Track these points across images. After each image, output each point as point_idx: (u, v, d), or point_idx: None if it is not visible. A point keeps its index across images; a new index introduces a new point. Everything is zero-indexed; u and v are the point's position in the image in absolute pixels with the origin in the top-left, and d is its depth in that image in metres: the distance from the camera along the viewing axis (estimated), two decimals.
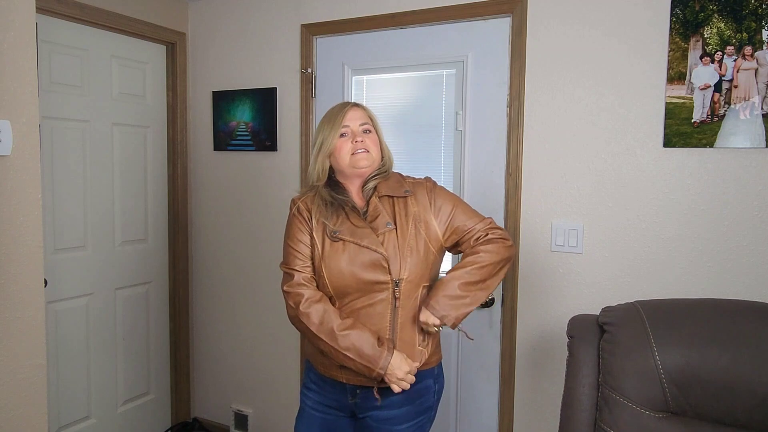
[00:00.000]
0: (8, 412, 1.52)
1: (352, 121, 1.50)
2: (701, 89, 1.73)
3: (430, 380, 1.53)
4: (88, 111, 2.39)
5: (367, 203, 1.51)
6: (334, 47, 2.38)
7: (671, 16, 1.76)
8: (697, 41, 1.73)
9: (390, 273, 1.43)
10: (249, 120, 2.60)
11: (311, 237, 1.49)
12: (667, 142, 1.78)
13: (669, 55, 1.78)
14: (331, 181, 1.55)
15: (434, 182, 1.57)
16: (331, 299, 1.48)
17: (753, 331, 1.31)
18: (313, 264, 1.49)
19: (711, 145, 1.73)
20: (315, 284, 1.49)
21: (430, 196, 1.51)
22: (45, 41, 2.18)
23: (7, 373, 1.52)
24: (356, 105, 1.55)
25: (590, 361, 1.48)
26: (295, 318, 1.47)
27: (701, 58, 1.73)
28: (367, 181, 1.53)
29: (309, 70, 2.43)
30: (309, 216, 1.51)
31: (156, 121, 2.71)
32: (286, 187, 2.53)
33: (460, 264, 1.47)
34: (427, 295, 1.49)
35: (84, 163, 2.39)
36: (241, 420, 2.77)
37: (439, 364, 1.58)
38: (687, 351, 1.33)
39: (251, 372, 2.73)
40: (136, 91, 2.60)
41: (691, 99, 1.75)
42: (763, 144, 1.66)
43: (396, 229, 1.45)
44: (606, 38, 1.86)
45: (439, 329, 1.46)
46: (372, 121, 1.55)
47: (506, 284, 2.07)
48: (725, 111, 1.71)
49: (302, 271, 1.49)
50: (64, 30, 2.27)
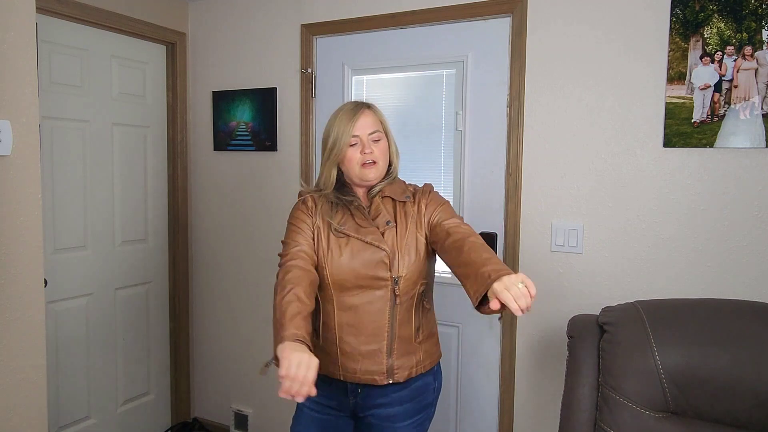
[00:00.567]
0: (8, 412, 1.52)
1: (362, 129, 1.48)
2: (701, 89, 1.73)
3: (430, 377, 1.55)
4: (88, 111, 2.39)
5: (370, 203, 1.54)
6: (334, 47, 2.38)
7: (671, 16, 1.76)
8: (697, 41, 1.73)
9: (390, 270, 1.44)
10: (249, 120, 2.60)
11: (314, 231, 1.50)
12: (667, 142, 1.78)
13: (669, 55, 1.78)
14: (338, 182, 1.55)
15: (432, 188, 1.59)
16: (330, 293, 1.48)
17: (753, 331, 1.32)
18: (317, 256, 1.49)
19: (711, 145, 1.73)
20: (310, 262, 1.46)
21: (426, 198, 1.53)
22: (45, 41, 2.18)
23: (7, 373, 1.51)
24: (368, 108, 1.53)
25: (590, 361, 1.48)
26: (275, 288, 1.42)
27: (701, 58, 1.73)
28: (373, 186, 1.55)
29: (309, 70, 2.43)
30: (314, 210, 1.52)
31: (156, 121, 2.71)
32: (286, 187, 2.53)
33: (469, 243, 1.36)
34: (424, 294, 1.50)
35: (84, 163, 2.39)
36: (241, 420, 2.76)
37: (438, 361, 1.60)
38: (687, 351, 1.33)
39: (251, 372, 2.73)
40: (136, 91, 2.60)
41: (691, 99, 1.75)
42: (763, 144, 1.66)
43: (396, 227, 1.47)
44: (606, 38, 1.86)
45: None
46: (383, 125, 1.54)
47: None
48: (725, 111, 1.71)
49: (300, 243, 1.48)
50: (64, 30, 2.27)
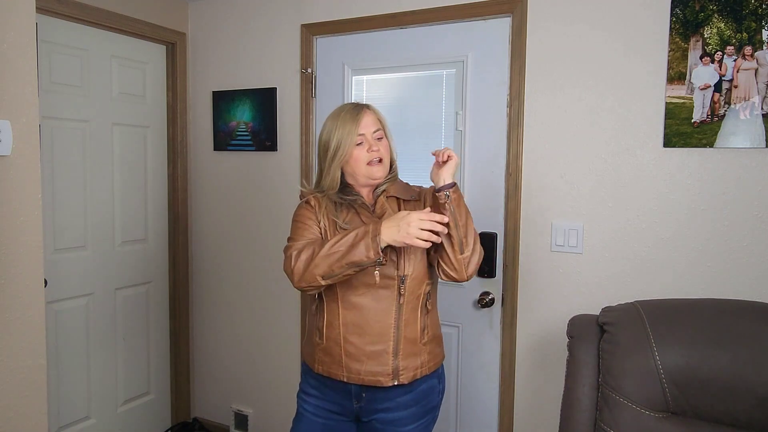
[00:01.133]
0: (8, 412, 1.52)
1: (367, 128, 1.48)
2: (701, 89, 1.73)
3: (435, 380, 1.54)
4: (88, 111, 2.39)
5: (375, 202, 1.54)
6: (334, 47, 2.38)
7: (671, 16, 1.76)
8: (697, 41, 1.73)
9: (397, 268, 1.43)
10: (249, 120, 2.60)
11: (320, 229, 1.49)
12: (667, 142, 1.78)
13: (669, 55, 1.78)
14: (340, 184, 1.54)
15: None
16: (335, 292, 1.47)
17: (753, 331, 1.32)
18: None
19: (711, 145, 1.73)
20: None
21: (430, 198, 1.52)
22: (45, 41, 2.18)
23: (7, 373, 1.51)
24: (368, 108, 1.53)
25: (590, 361, 1.48)
26: (287, 263, 1.40)
27: (701, 58, 1.73)
28: (377, 186, 1.54)
29: (309, 70, 2.43)
30: (319, 209, 1.51)
31: (156, 121, 2.71)
32: (286, 187, 2.53)
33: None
34: (429, 295, 1.51)
35: (84, 163, 2.39)
36: (241, 420, 2.76)
37: (442, 363, 1.60)
38: (687, 351, 1.33)
39: (251, 372, 2.73)
40: (136, 91, 2.60)
41: (691, 99, 1.75)
42: (763, 144, 1.66)
43: None
44: (606, 38, 1.86)
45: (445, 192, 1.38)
46: (382, 124, 1.54)
47: (506, 284, 2.07)
48: (725, 111, 1.71)
49: (308, 238, 1.46)
50: (64, 30, 2.27)
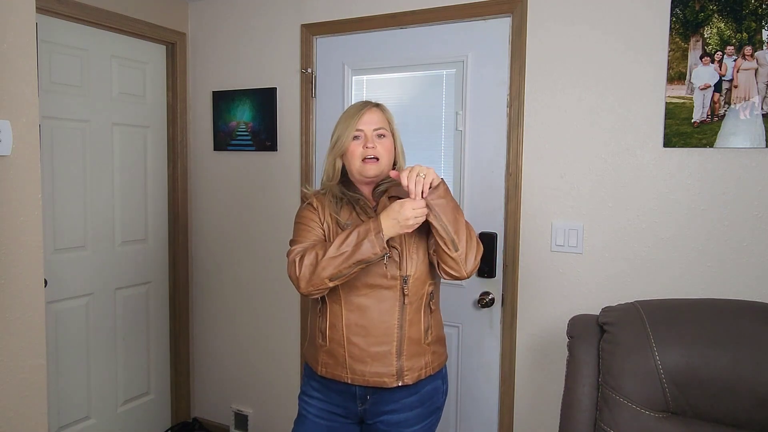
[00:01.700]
0: (8, 412, 1.52)
1: (368, 124, 1.48)
2: (701, 89, 1.73)
3: (439, 381, 1.55)
4: (88, 111, 2.39)
5: (377, 203, 1.53)
6: (334, 47, 2.38)
7: (671, 16, 1.76)
8: (697, 41, 1.73)
9: (400, 269, 1.43)
10: (249, 120, 2.60)
11: (324, 228, 1.49)
12: (667, 142, 1.78)
13: (669, 55, 1.78)
14: (344, 179, 1.56)
15: None
16: (338, 293, 1.46)
17: (753, 331, 1.32)
18: None
19: (711, 145, 1.73)
20: None
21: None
22: (45, 41, 2.18)
23: (7, 373, 1.51)
24: (376, 106, 1.53)
25: (590, 361, 1.48)
26: (291, 267, 1.41)
27: (701, 58, 1.73)
28: (378, 185, 1.54)
29: (309, 70, 2.43)
30: (321, 210, 1.51)
31: (156, 121, 2.71)
32: (286, 187, 2.53)
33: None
34: (432, 295, 1.50)
35: (84, 163, 2.39)
36: (241, 420, 2.76)
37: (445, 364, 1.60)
38: (687, 351, 1.33)
39: (251, 372, 2.73)
40: (136, 91, 2.60)
41: (691, 99, 1.75)
42: (763, 144, 1.66)
43: None
44: (606, 38, 1.86)
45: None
46: (389, 124, 1.53)
47: (506, 284, 2.07)
48: (725, 111, 1.71)
49: (310, 240, 1.46)
50: (64, 30, 2.27)
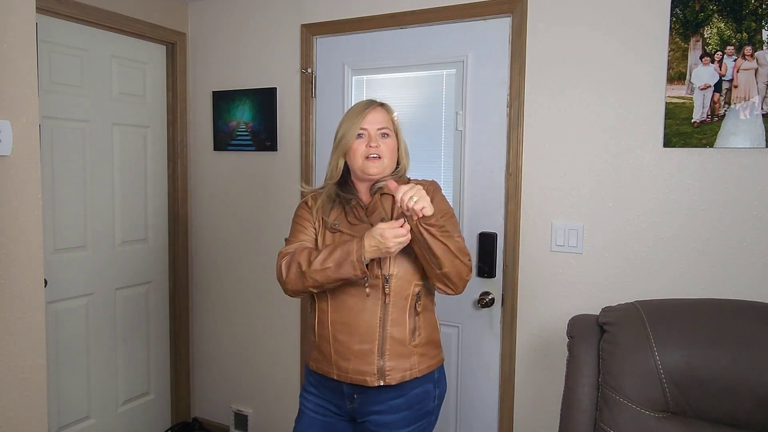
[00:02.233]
0: (8, 412, 1.52)
1: (371, 124, 1.50)
2: (701, 89, 1.73)
3: (430, 385, 1.52)
4: (88, 111, 2.39)
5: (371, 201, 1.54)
6: (334, 47, 2.38)
7: (671, 16, 1.76)
8: (697, 41, 1.73)
9: (381, 267, 1.43)
10: (249, 120, 2.60)
11: (316, 228, 1.54)
12: (667, 142, 1.78)
13: (669, 55, 1.78)
14: (342, 179, 1.57)
15: (437, 187, 1.57)
16: (325, 292, 1.48)
17: (753, 331, 1.32)
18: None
19: (711, 145, 1.73)
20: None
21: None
22: (45, 41, 2.18)
23: (7, 373, 1.51)
24: (380, 106, 1.55)
25: (590, 361, 1.48)
26: (278, 272, 1.46)
27: (701, 58, 1.73)
28: (376, 182, 1.55)
29: (309, 70, 2.43)
30: (314, 208, 1.55)
31: (156, 121, 2.71)
32: (286, 187, 2.53)
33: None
34: (419, 296, 1.48)
35: (84, 163, 2.39)
36: (241, 420, 2.76)
37: (441, 367, 1.56)
38: (687, 351, 1.33)
39: (251, 372, 2.73)
40: (136, 91, 2.60)
41: (691, 99, 1.75)
42: (763, 144, 1.66)
43: None
44: (606, 38, 1.86)
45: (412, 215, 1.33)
46: (393, 124, 1.55)
47: (506, 284, 2.07)
48: (725, 111, 1.71)
49: (302, 240, 1.52)
50: (64, 30, 2.27)
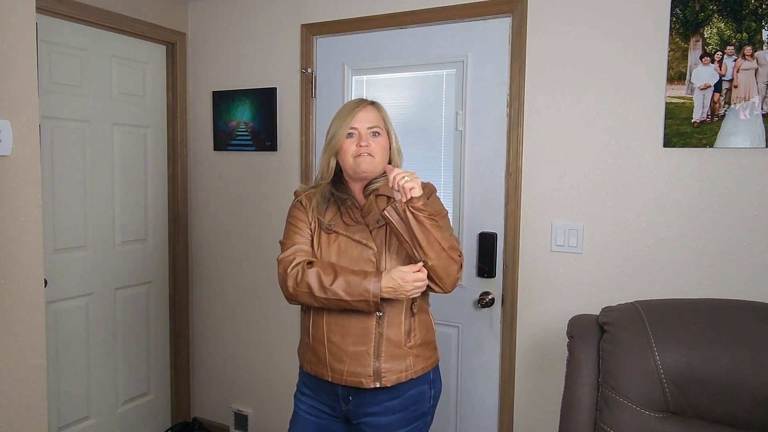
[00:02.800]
0: (8, 412, 1.52)
1: (362, 122, 1.49)
2: (701, 89, 1.73)
3: (426, 386, 1.51)
4: (88, 111, 2.39)
5: (366, 202, 1.53)
6: (334, 47, 2.38)
7: (671, 16, 1.76)
8: (697, 41, 1.73)
9: (377, 268, 1.43)
10: (249, 120, 2.60)
11: (311, 228, 1.51)
12: (667, 142, 1.78)
13: (669, 55, 1.78)
14: (336, 178, 1.56)
15: (433, 189, 1.57)
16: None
17: (753, 331, 1.32)
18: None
19: (711, 145, 1.73)
20: (311, 256, 1.48)
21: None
22: (45, 41, 2.18)
23: (7, 373, 1.51)
24: (371, 104, 1.54)
25: (590, 361, 1.48)
26: (283, 285, 1.44)
27: (701, 58, 1.73)
28: (370, 183, 1.54)
29: (309, 70, 2.43)
30: (309, 207, 1.53)
31: (156, 121, 2.71)
32: (286, 187, 2.53)
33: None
34: (415, 297, 1.46)
35: (84, 163, 2.39)
36: (241, 420, 2.76)
37: (436, 368, 1.56)
38: (687, 351, 1.33)
39: (251, 372, 2.73)
40: (136, 91, 2.60)
41: (691, 99, 1.75)
42: (763, 144, 1.66)
43: (386, 225, 1.45)
44: (606, 38, 1.86)
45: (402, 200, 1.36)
46: (384, 123, 1.54)
47: (506, 284, 2.07)
48: (725, 111, 1.71)
49: (298, 242, 1.48)
50: (64, 30, 2.27)
